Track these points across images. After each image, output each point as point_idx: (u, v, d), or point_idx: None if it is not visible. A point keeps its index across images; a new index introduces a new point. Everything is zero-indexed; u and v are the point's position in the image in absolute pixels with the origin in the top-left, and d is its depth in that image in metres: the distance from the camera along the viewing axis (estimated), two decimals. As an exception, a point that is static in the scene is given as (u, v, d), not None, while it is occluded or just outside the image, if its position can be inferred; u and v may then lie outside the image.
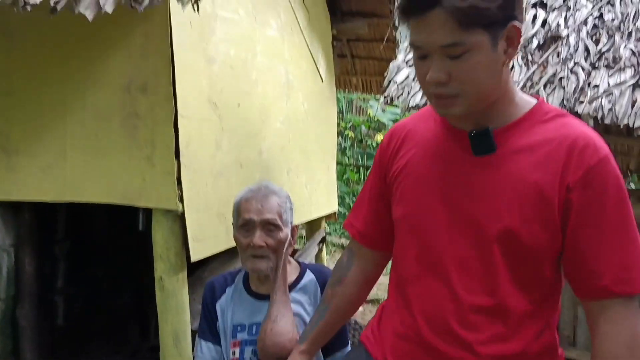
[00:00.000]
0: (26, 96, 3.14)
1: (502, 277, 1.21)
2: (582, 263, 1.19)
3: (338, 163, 7.74)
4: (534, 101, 1.27)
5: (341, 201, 7.83)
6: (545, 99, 1.51)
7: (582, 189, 1.16)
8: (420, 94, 3.83)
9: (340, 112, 10.15)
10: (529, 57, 3.83)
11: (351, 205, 8.54)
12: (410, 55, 4.30)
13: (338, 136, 8.09)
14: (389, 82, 4.04)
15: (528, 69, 3.77)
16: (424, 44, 1.14)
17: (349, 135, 10.39)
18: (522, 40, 1.23)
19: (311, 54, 4.73)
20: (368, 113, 10.64)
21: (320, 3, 4.98)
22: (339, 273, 1.57)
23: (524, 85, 3.67)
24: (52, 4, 2.12)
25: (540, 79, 3.68)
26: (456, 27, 1.09)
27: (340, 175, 9.16)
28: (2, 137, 3.17)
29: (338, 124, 7.51)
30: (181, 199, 2.95)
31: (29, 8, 2.11)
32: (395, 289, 1.37)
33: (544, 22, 4.03)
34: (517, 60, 3.81)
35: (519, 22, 1.15)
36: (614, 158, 1.19)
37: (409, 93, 3.91)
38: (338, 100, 9.55)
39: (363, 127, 10.49)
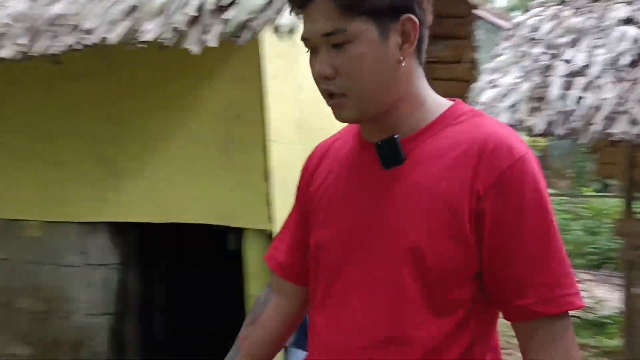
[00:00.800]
0: (133, 125, 3.41)
1: (413, 304, 1.04)
2: (501, 281, 1.03)
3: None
4: (449, 103, 1.11)
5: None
6: (637, 118, 1.41)
7: (494, 197, 1.00)
8: (505, 114, 3.84)
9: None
10: (620, 75, 3.76)
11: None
12: (494, 76, 4.34)
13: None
14: (472, 103, 4.08)
15: (618, 86, 3.70)
16: (310, 35, 1.04)
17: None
18: (419, 36, 1.04)
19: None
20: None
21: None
22: (254, 311, 1.36)
23: (616, 103, 3.61)
24: (161, 40, 2.34)
25: (631, 96, 3.60)
26: (337, 13, 0.99)
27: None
28: (112, 162, 3.46)
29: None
30: (272, 219, 3.11)
31: (140, 45, 2.35)
32: (309, 322, 1.23)
33: (635, 40, 3.95)
34: (606, 78, 3.76)
35: (416, 14, 1.02)
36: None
37: (492, 114, 3.93)
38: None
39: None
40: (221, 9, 2.36)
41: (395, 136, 1.06)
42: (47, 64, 2.83)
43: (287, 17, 2.29)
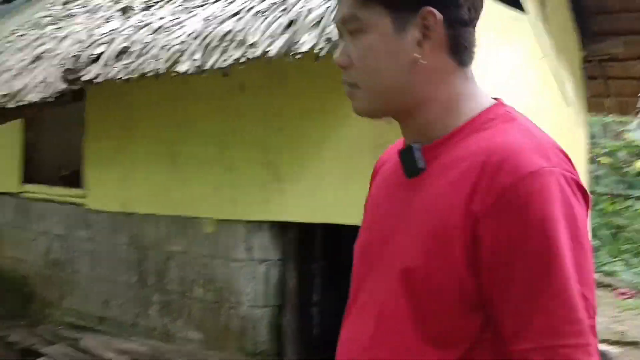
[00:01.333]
0: (294, 132, 3.64)
1: (410, 331, 0.93)
2: (496, 317, 0.88)
3: (591, 192, 7.22)
4: (484, 107, 0.97)
5: (593, 234, 7.27)
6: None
7: (492, 220, 0.85)
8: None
9: (592, 137, 9.45)
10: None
11: (603, 238, 7.87)
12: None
13: (590, 163, 7.56)
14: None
15: None
16: (335, 21, 1.00)
17: (605, 162, 9.58)
18: (451, 33, 0.93)
19: (556, 79, 4.59)
20: (627, 137, 9.71)
21: (568, 26, 4.82)
22: None
23: None
24: (316, 51, 2.49)
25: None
26: (355, 0, 0.95)
27: (592, 206, 8.49)
28: (274, 166, 3.72)
29: (590, 150, 7.03)
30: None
31: (298, 56, 2.52)
32: None
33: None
34: None
35: (441, 8, 0.91)
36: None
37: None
38: (589, 124, 8.93)
39: (621, 153, 9.59)
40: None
41: (414, 144, 0.97)
42: (218, 76, 3.14)
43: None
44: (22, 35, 4.84)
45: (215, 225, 4.09)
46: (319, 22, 2.56)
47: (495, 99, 0.99)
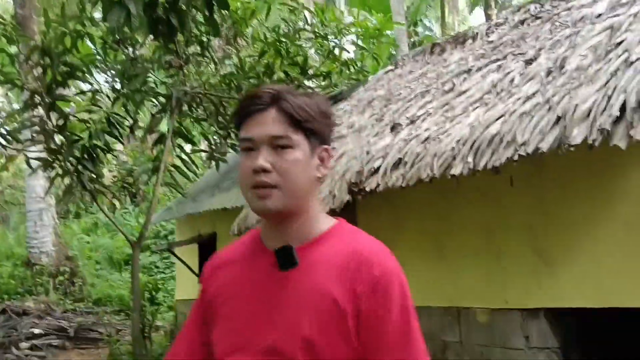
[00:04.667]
0: (560, 214, 3.74)
1: None
2: None
3: None
4: (334, 221, 1.33)
5: None
6: None
7: (368, 297, 1.21)
8: None
9: None
10: None
11: None
12: None
13: None
14: None
15: None
16: (256, 136, 1.25)
17: None
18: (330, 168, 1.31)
19: None
20: None
21: None
22: None
23: None
24: (589, 141, 2.67)
25: None
26: (287, 124, 1.24)
27: None
28: (545, 252, 3.82)
29: None
30: None
31: (571, 149, 2.72)
32: None
33: None
34: None
35: (330, 149, 1.30)
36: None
37: None
38: None
39: None
40: (642, 104, 2.57)
41: (290, 245, 1.26)
42: (485, 174, 3.45)
43: None
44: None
45: (488, 314, 4.26)
46: (588, 115, 2.75)
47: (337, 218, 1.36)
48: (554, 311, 3.88)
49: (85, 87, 9.76)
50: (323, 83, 8.15)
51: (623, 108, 2.63)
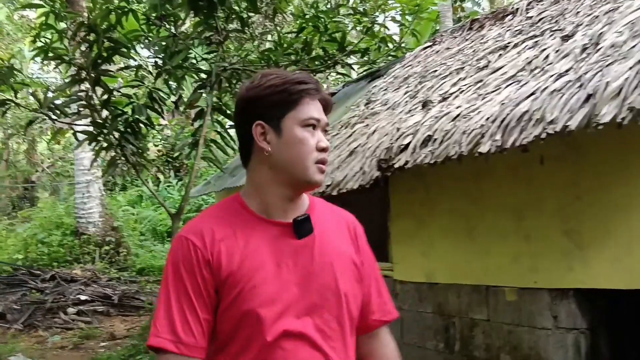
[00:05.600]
0: (593, 197, 3.68)
1: (350, 338, 1.51)
2: (363, 305, 1.57)
3: None
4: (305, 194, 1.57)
5: None
6: None
7: (364, 250, 1.61)
8: None
9: None
10: None
11: None
12: None
13: None
14: None
15: None
16: (321, 119, 1.47)
17: None
18: None
19: None
20: None
21: None
22: None
23: None
24: (618, 120, 2.62)
25: None
26: (324, 114, 1.50)
27: None
28: (576, 234, 3.77)
29: None
30: None
31: (600, 127, 2.68)
32: None
33: None
34: None
35: None
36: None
37: None
38: None
39: None
40: (675, 82, 2.50)
41: (307, 214, 1.47)
42: (515, 153, 3.42)
43: None
44: (335, 135, 5.80)
45: (516, 293, 4.24)
46: (619, 93, 2.69)
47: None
48: (583, 292, 3.84)
49: (130, 63, 9.99)
50: (361, 60, 8.12)
51: (654, 86, 2.57)
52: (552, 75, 3.37)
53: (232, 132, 9.10)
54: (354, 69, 9.23)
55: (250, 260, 1.39)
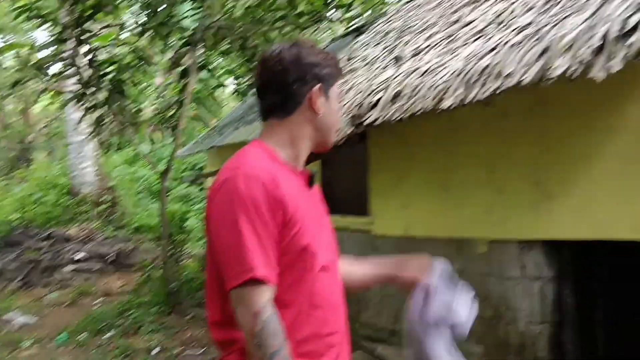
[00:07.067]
0: (560, 150, 3.74)
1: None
2: None
3: None
4: None
5: None
6: None
7: None
8: None
9: None
10: None
11: None
12: None
13: None
14: None
15: None
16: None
17: None
18: None
19: None
20: None
21: None
22: (282, 332, 1.49)
23: None
24: (568, 74, 2.66)
25: None
26: None
27: None
28: (544, 186, 3.85)
29: None
30: None
31: (551, 81, 2.71)
32: (307, 305, 1.56)
33: None
34: None
35: None
36: None
37: None
38: None
39: None
40: (624, 35, 2.52)
41: (314, 169, 1.64)
42: (482, 107, 3.46)
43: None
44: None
45: (487, 245, 4.35)
46: (571, 46, 2.71)
47: None
48: (549, 243, 3.94)
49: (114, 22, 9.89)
50: (346, 15, 8.05)
51: (605, 39, 2.58)
52: (514, 29, 3.39)
53: (219, 91, 9.10)
54: (340, 25, 9.15)
55: (297, 202, 1.54)
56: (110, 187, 12.54)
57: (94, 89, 7.35)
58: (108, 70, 7.43)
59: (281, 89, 1.59)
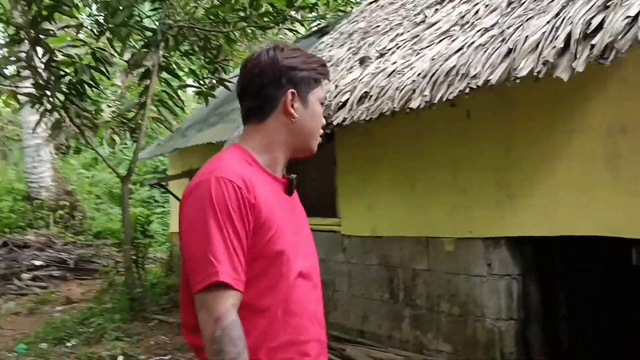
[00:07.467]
0: (524, 151, 3.80)
1: None
2: None
3: None
4: None
5: None
6: None
7: None
8: None
9: None
10: None
11: None
12: None
13: None
14: None
15: None
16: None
17: None
18: None
19: None
20: None
21: None
22: (240, 336, 1.46)
23: None
24: (534, 73, 2.70)
25: None
26: None
27: None
28: (507, 186, 3.91)
29: None
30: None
31: (517, 81, 2.75)
32: (282, 312, 1.52)
33: None
34: None
35: None
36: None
37: None
38: None
39: None
40: (587, 36, 2.57)
41: (294, 175, 1.61)
42: (448, 108, 3.49)
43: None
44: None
45: (454, 243, 4.40)
46: (536, 46, 2.76)
47: None
48: (514, 240, 4.01)
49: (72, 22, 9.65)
50: (310, 15, 8.04)
51: (569, 40, 2.64)
52: (479, 30, 3.43)
53: (181, 92, 8.97)
54: (303, 25, 9.14)
55: (273, 207, 1.52)
56: (68, 191, 12.23)
57: (50, 91, 7.15)
58: (66, 71, 7.24)
59: (257, 92, 1.57)
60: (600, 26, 2.57)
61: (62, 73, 7.21)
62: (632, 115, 3.20)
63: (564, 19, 2.76)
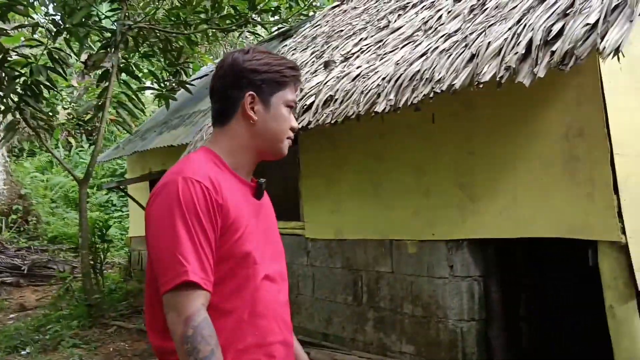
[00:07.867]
0: (485, 154, 3.88)
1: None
2: None
3: None
4: None
5: None
6: None
7: None
8: None
9: None
10: None
11: None
12: None
13: None
14: None
15: None
16: (296, 103, 1.65)
17: None
18: None
19: None
20: None
21: None
22: (212, 335, 1.45)
23: None
24: (497, 78, 2.76)
25: None
26: None
27: None
28: (469, 188, 3.98)
29: None
30: (623, 232, 3.15)
31: (481, 86, 2.81)
32: (249, 314, 1.52)
33: None
34: None
35: None
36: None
37: None
38: None
39: None
40: (548, 42, 2.65)
41: (264, 179, 1.63)
42: (412, 111, 3.54)
43: (611, 40, 2.43)
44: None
45: (417, 246, 4.45)
46: (499, 52, 2.83)
47: None
48: (476, 242, 4.08)
49: (26, 22, 9.39)
50: (272, 19, 8.03)
51: (530, 46, 2.71)
52: (442, 36, 3.49)
53: (141, 94, 8.82)
54: (265, 29, 9.11)
55: (240, 209, 1.53)
56: (22, 195, 11.87)
57: (3, 92, 6.94)
58: (20, 72, 7.04)
59: (221, 95, 1.59)
60: (560, 33, 2.64)
61: (17, 73, 7.01)
62: (589, 119, 3.30)
63: (525, 25, 2.83)
